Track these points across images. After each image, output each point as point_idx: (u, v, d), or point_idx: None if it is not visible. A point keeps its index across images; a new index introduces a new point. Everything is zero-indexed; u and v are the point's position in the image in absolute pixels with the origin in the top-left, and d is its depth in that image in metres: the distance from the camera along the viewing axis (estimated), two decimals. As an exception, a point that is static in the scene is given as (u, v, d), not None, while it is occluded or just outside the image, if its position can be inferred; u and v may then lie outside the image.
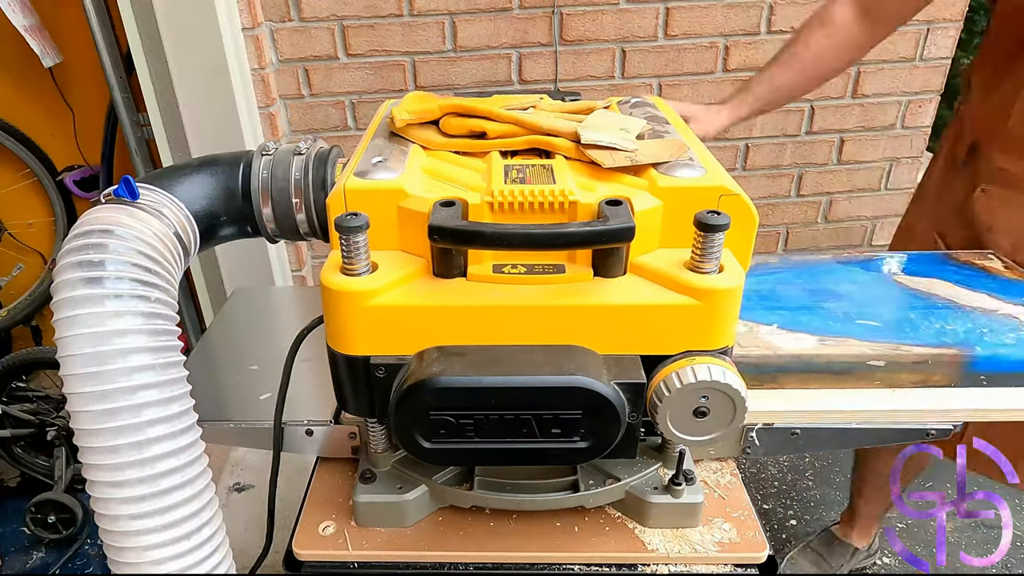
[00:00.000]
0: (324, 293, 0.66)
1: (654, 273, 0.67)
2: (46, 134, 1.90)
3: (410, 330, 0.66)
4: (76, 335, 0.64)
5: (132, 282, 0.66)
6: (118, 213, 0.70)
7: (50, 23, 1.73)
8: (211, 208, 0.80)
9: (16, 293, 2.01)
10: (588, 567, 0.79)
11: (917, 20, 1.92)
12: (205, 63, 1.67)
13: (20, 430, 1.85)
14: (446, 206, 0.65)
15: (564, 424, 0.65)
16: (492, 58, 1.90)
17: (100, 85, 1.76)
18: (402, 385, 0.65)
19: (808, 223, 2.25)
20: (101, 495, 0.66)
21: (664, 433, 0.68)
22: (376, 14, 1.82)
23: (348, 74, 1.90)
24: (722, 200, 0.68)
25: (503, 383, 0.63)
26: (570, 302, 0.65)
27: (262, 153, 0.82)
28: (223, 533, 0.73)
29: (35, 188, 1.95)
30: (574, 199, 0.65)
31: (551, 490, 0.81)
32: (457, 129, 0.79)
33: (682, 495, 0.79)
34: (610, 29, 1.88)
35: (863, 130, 2.09)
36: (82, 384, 0.64)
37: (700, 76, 1.96)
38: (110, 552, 0.68)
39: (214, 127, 1.74)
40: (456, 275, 0.67)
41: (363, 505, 0.81)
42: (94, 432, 0.64)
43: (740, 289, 0.65)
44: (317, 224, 0.83)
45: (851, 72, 1.99)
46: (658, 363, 0.67)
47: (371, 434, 0.82)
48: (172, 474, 0.67)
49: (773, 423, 0.86)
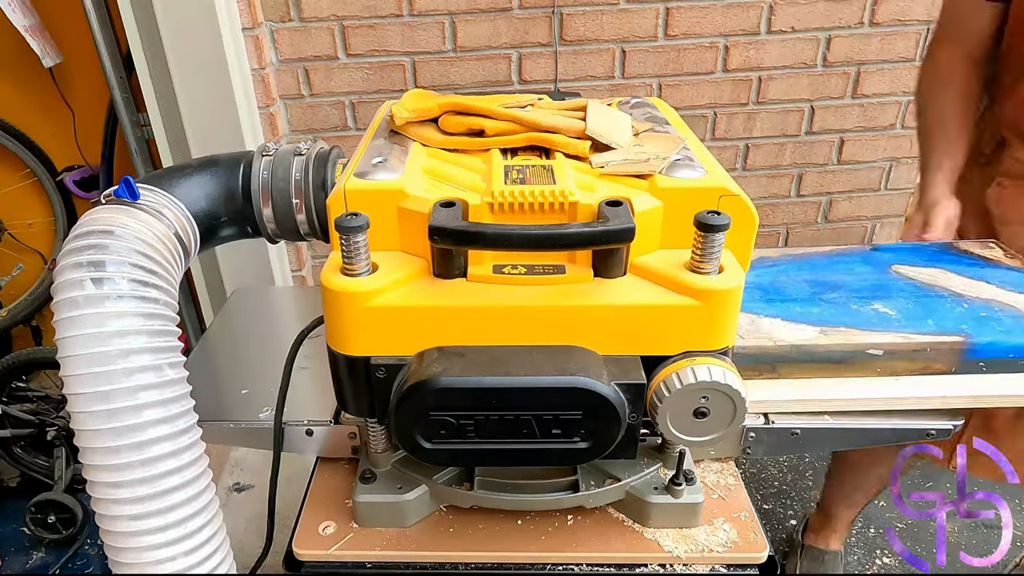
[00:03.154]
0: (324, 294, 0.66)
1: (654, 274, 0.67)
2: (46, 134, 1.90)
3: (410, 331, 0.66)
4: (76, 335, 0.64)
5: (132, 283, 0.66)
6: (118, 213, 0.70)
7: (50, 23, 1.73)
8: (211, 209, 0.80)
9: (16, 293, 2.01)
10: (588, 567, 0.79)
11: (917, 20, 1.92)
12: (205, 63, 1.66)
13: (20, 430, 1.85)
14: (446, 207, 0.65)
15: (564, 425, 0.65)
16: (492, 58, 1.90)
17: (100, 85, 1.75)
18: (402, 386, 0.65)
19: (808, 223, 2.25)
20: (101, 495, 0.66)
21: (664, 433, 0.68)
22: (376, 14, 1.82)
23: (348, 74, 1.90)
24: (722, 200, 0.68)
25: (503, 384, 0.63)
26: (570, 303, 0.65)
27: (262, 154, 0.82)
28: (223, 533, 0.73)
29: (35, 188, 1.95)
30: (574, 200, 0.65)
31: (551, 490, 0.81)
32: (456, 127, 0.79)
33: (682, 495, 0.79)
34: (610, 29, 1.88)
35: (863, 130, 2.09)
36: (82, 385, 0.64)
37: (700, 76, 1.96)
38: (110, 552, 0.68)
39: (214, 127, 1.74)
40: (456, 276, 0.67)
41: (363, 505, 0.81)
42: (94, 433, 0.64)
43: (740, 290, 0.65)
44: (317, 224, 0.83)
45: (851, 72, 1.99)
46: (658, 364, 0.67)
47: (371, 434, 0.82)
48: (172, 474, 0.67)
49: (773, 421, 0.86)
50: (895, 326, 0.88)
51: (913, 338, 0.85)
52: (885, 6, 1.89)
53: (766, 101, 2.01)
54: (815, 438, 0.87)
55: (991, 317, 0.89)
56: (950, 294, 0.95)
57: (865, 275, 1.01)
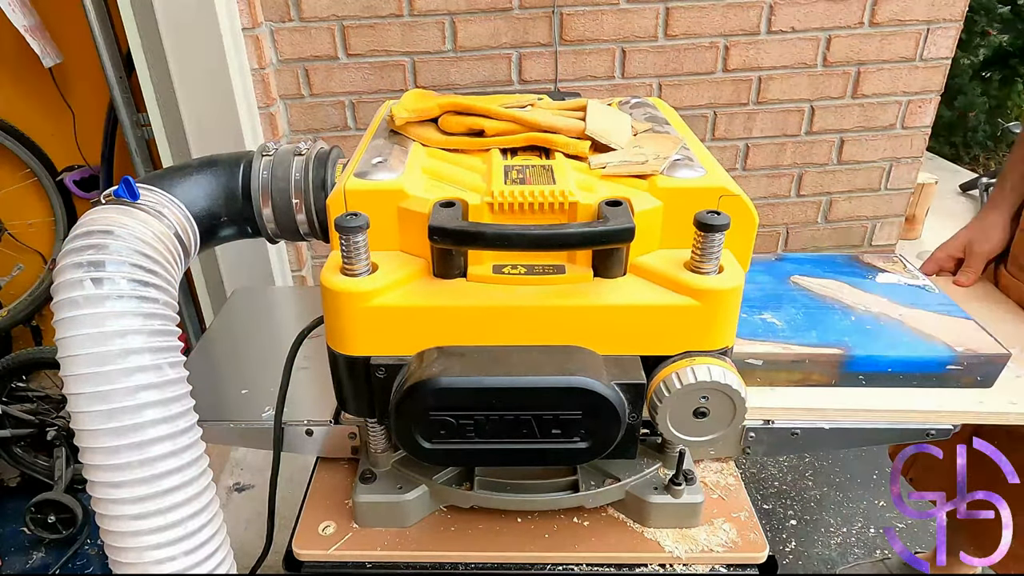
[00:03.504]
0: (324, 294, 0.66)
1: (654, 274, 0.67)
2: (46, 134, 1.90)
3: (410, 331, 0.66)
4: (76, 335, 0.64)
5: (132, 282, 0.66)
6: (118, 213, 0.70)
7: (50, 23, 1.73)
8: (211, 209, 0.80)
9: (16, 293, 2.01)
10: (588, 567, 0.79)
11: (917, 20, 1.92)
12: (205, 63, 1.66)
13: (20, 430, 1.85)
14: (446, 207, 0.65)
15: (564, 424, 0.65)
16: (492, 58, 1.90)
17: (100, 85, 1.75)
18: (402, 386, 0.65)
19: (808, 223, 2.25)
20: (102, 495, 0.66)
21: (664, 433, 0.68)
22: (376, 14, 1.82)
23: (348, 74, 1.90)
24: (722, 200, 0.68)
25: (503, 383, 0.63)
26: (570, 303, 0.65)
27: (262, 154, 0.82)
28: (223, 533, 0.73)
29: (35, 188, 1.95)
30: (574, 200, 0.65)
31: (551, 490, 0.81)
32: (456, 127, 0.79)
33: (682, 495, 0.79)
34: (610, 29, 1.88)
35: (863, 130, 2.09)
36: (82, 384, 0.64)
37: (700, 76, 1.96)
38: (111, 552, 0.68)
39: (214, 127, 1.74)
40: (456, 276, 0.67)
41: (363, 505, 0.81)
42: (94, 432, 0.64)
43: (740, 290, 0.65)
44: (317, 224, 0.83)
45: (851, 72, 1.99)
46: (658, 363, 0.67)
47: (371, 434, 0.82)
48: (172, 474, 0.67)
49: (773, 421, 0.86)
50: (779, 336, 0.88)
51: (793, 349, 0.86)
52: (885, 6, 1.89)
53: (766, 101, 2.01)
54: (815, 438, 0.87)
55: (875, 331, 0.90)
56: (841, 306, 0.95)
57: (764, 284, 1.01)
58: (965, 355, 0.85)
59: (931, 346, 0.87)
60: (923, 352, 0.86)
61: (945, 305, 0.96)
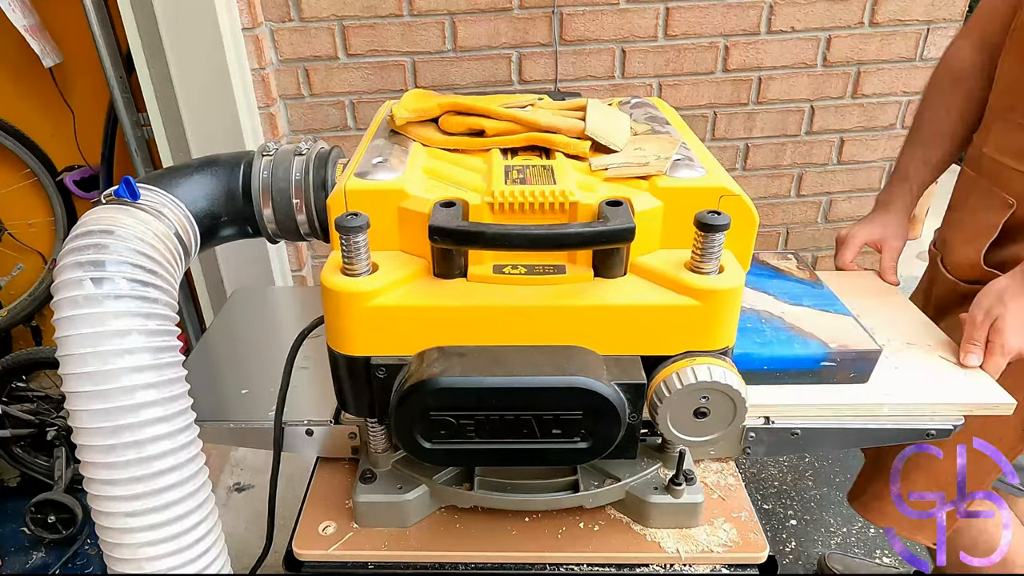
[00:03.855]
0: (324, 294, 0.66)
1: (654, 274, 0.67)
2: (46, 134, 1.90)
3: (410, 331, 0.66)
4: (76, 335, 0.64)
5: (132, 282, 0.66)
6: (118, 213, 0.70)
7: (50, 23, 1.73)
8: (212, 208, 0.80)
9: (16, 293, 2.01)
10: (588, 567, 0.79)
11: (917, 20, 1.92)
12: (205, 63, 1.66)
13: (20, 430, 1.85)
14: (446, 207, 0.65)
15: (564, 424, 0.65)
16: (492, 58, 1.90)
17: (100, 85, 1.75)
18: (403, 386, 0.65)
19: (808, 223, 2.24)
20: (98, 493, 0.66)
21: (664, 433, 0.68)
22: (376, 14, 1.82)
23: (348, 74, 1.90)
24: (722, 200, 0.68)
25: (504, 384, 0.63)
26: (570, 303, 0.65)
27: (263, 154, 0.82)
28: (219, 531, 0.73)
29: (35, 188, 1.95)
30: (574, 200, 0.65)
31: (551, 490, 0.81)
32: (456, 127, 0.79)
33: (682, 495, 0.79)
34: (610, 29, 1.88)
35: (863, 130, 2.09)
36: (81, 383, 0.64)
37: (700, 76, 1.96)
38: (106, 549, 0.68)
39: (214, 127, 1.74)
40: (456, 276, 0.67)
41: (363, 505, 0.81)
42: (92, 431, 0.65)
43: (740, 290, 0.65)
44: (318, 224, 0.83)
45: (851, 72, 1.99)
46: (658, 363, 0.67)
47: (371, 434, 0.82)
48: (169, 473, 0.67)
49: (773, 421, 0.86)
50: None
51: None
52: (885, 6, 1.89)
53: (766, 101, 2.01)
54: (815, 438, 0.87)
55: (756, 328, 0.90)
56: None
57: None
58: (838, 352, 0.86)
59: (806, 343, 0.87)
60: (797, 350, 0.86)
61: (828, 302, 0.96)
